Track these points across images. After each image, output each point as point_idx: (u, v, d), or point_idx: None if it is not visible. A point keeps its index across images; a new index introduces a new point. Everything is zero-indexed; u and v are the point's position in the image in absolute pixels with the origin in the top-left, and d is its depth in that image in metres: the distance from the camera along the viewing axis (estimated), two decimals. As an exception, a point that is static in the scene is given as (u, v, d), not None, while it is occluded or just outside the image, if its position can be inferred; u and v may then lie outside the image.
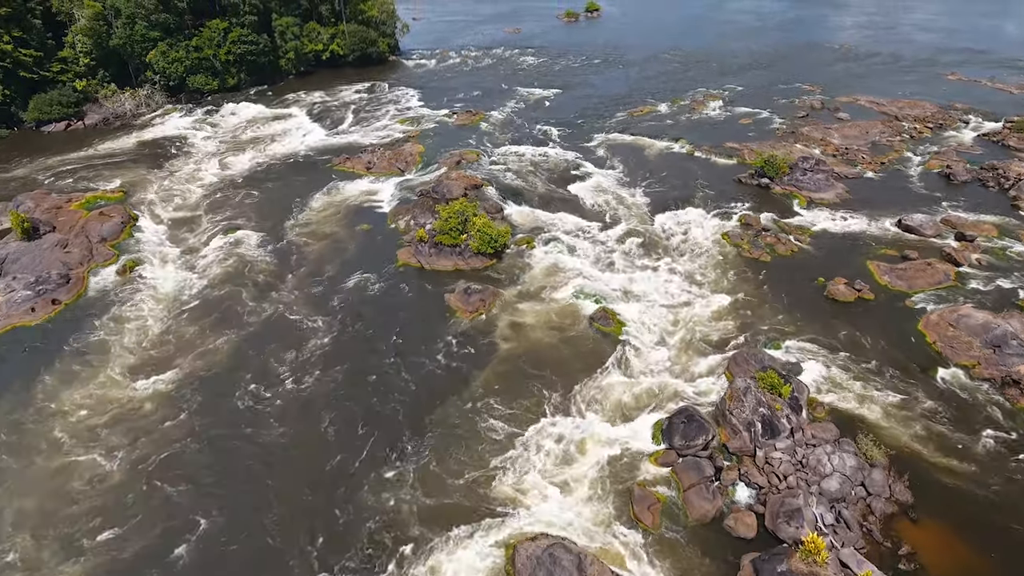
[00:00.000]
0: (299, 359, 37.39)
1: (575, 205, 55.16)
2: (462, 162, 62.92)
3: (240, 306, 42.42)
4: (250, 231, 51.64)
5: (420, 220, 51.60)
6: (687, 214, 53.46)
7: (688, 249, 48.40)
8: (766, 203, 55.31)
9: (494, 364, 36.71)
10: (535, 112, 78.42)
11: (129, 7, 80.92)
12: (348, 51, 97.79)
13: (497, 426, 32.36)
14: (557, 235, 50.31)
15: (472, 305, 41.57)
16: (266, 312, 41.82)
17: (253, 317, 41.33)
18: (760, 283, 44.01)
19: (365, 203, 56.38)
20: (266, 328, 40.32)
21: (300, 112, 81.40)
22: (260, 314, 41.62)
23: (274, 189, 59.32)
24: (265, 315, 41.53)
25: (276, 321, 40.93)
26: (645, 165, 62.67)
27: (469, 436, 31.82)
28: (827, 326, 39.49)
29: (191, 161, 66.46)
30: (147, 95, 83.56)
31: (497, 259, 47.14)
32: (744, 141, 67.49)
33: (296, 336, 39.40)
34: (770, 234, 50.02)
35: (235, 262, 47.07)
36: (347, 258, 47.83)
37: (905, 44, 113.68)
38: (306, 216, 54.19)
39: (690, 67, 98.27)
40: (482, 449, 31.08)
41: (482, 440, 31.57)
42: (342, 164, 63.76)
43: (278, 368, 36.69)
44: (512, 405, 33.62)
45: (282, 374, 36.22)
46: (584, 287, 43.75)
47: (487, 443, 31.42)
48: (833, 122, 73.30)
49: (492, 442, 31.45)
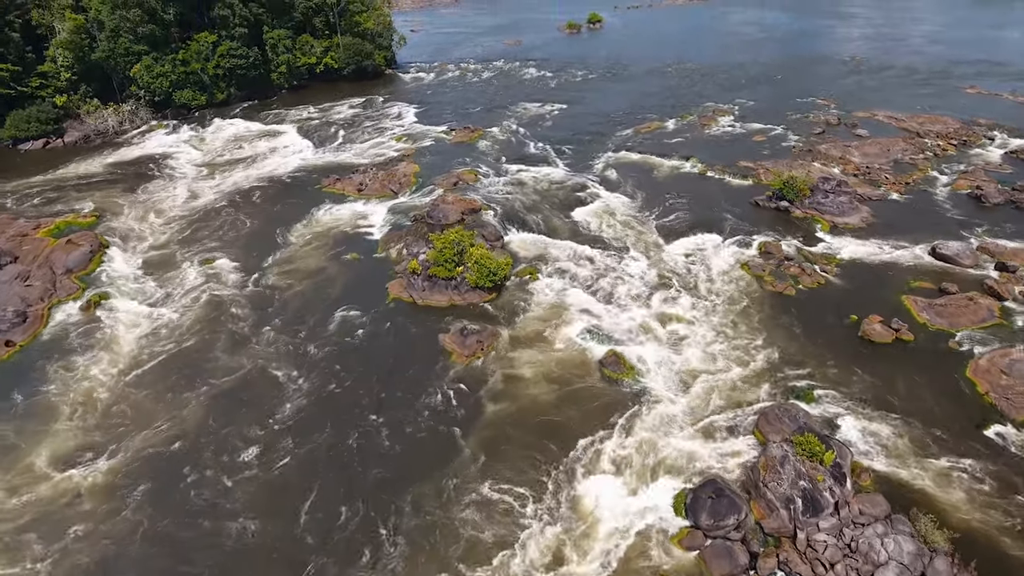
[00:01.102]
0: (272, 428, 32.53)
1: (581, 231, 51.22)
2: (459, 183, 59.09)
3: (209, 360, 37.57)
4: (229, 261, 47.70)
5: (413, 249, 47.67)
6: (702, 241, 49.48)
7: (705, 281, 44.38)
8: (787, 228, 51.35)
9: (488, 425, 32.26)
10: (537, 128, 74.71)
11: (113, 20, 77.57)
12: (343, 64, 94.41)
13: (486, 514, 27.42)
14: (561, 265, 46.34)
15: (469, 348, 37.53)
16: (239, 367, 36.89)
17: (223, 375, 36.38)
18: (786, 321, 39.95)
19: (355, 229, 52.48)
20: (237, 388, 35.38)
21: (291, 128, 77.74)
22: (231, 371, 36.67)
23: (259, 213, 55.46)
24: (237, 372, 36.57)
25: (249, 379, 36.04)
26: (655, 186, 58.80)
27: (448, 531, 26.86)
28: (864, 373, 35.36)
29: (173, 182, 62.68)
30: (131, 111, 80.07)
31: (497, 293, 43.15)
32: (759, 160, 63.64)
33: (271, 398, 34.53)
34: (794, 264, 46.02)
35: (209, 301, 42.96)
36: (333, 293, 43.84)
37: (917, 56, 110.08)
38: (291, 244, 50.27)
39: (696, 81, 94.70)
40: (463, 550, 26.02)
41: (463, 537, 26.55)
42: (332, 185, 59.93)
43: (247, 442, 31.73)
44: (508, 479, 29.09)
45: (251, 451, 31.25)
46: (591, 326, 39.71)
47: (469, 543, 26.30)
48: (851, 139, 69.48)
49: (476, 543, 26.34)
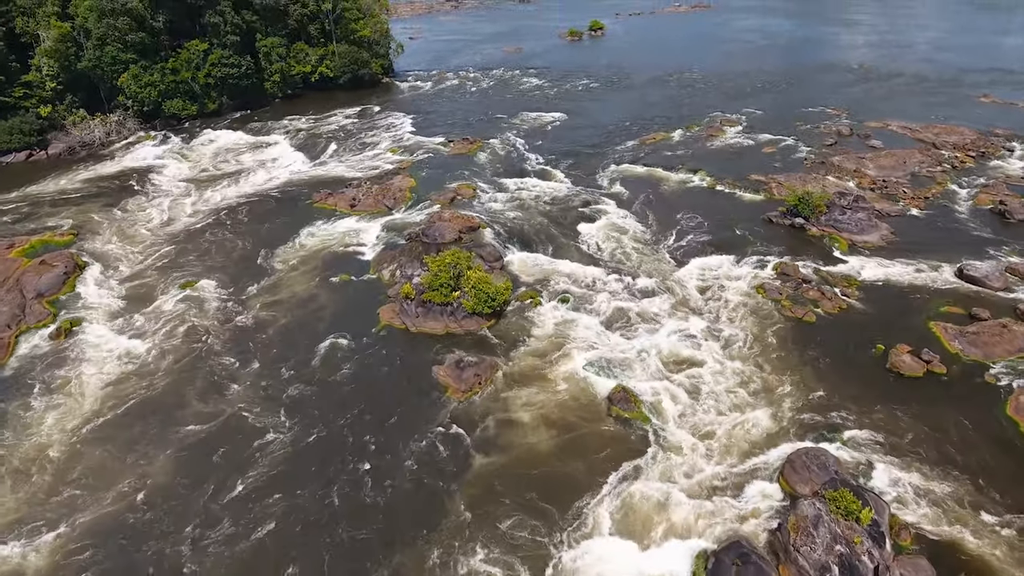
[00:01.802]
0: (248, 487, 28.95)
1: (585, 250, 48.43)
2: (456, 199, 56.35)
3: (182, 406, 33.95)
4: (211, 286, 44.81)
5: (407, 270, 44.86)
6: (715, 261, 46.65)
7: (719, 306, 41.54)
8: (803, 247, 48.56)
9: (481, 479, 29.08)
10: (538, 139, 72.04)
11: (100, 28, 75.03)
12: (338, 73, 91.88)
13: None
14: (565, 288, 43.52)
15: (465, 382, 34.65)
16: (214, 414, 33.28)
17: (196, 424, 32.76)
18: (808, 351, 37.08)
19: (346, 248, 49.69)
20: (212, 439, 31.69)
21: (284, 140, 75.11)
22: (206, 419, 33.06)
23: (245, 232, 52.66)
24: (212, 420, 32.94)
25: (226, 428, 32.39)
26: (662, 201, 56.04)
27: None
28: (895, 410, 32.47)
29: (157, 197, 59.94)
30: (118, 121, 77.48)
31: (496, 319, 40.31)
32: (770, 173, 60.91)
33: (248, 449, 30.94)
34: (812, 286, 43.19)
35: (186, 332, 39.85)
36: (321, 320, 41.02)
37: (926, 63, 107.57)
38: (278, 266, 47.46)
39: (701, 89, 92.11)
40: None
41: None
42: (323, 201, 57.17)
43: (219, 506, 28.07)
44: (501, 548, 25.83)
45: (223, 516, 27.59)
46: (597, 357, 36.85)
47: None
48: (865, 150, 66.78)
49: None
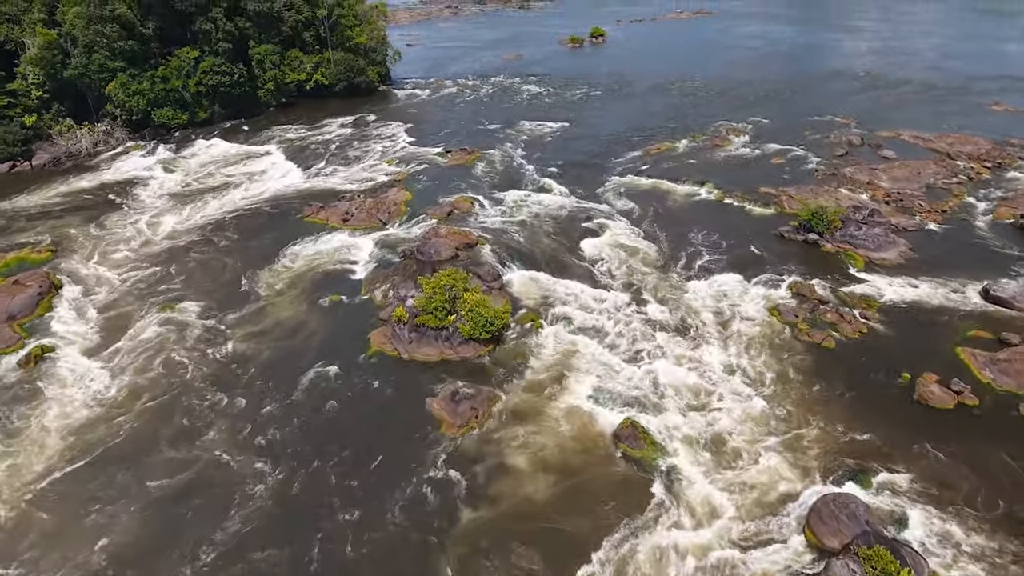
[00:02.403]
0: (221, 546, 25.76)
1: (589, 268, 46.02)
2: (453, 212, 53.97)
3: (154, 452, 30.61)
4: (194, 309, 42.25)
5: (401, 291, 42.43)
6: (725, 279, 44.24)
7: (731, 329, 39.10)
8: (817, 265, 46.16)
9: (473, 537, 26.25)
10: (538, 150, 69.74)
11: (88, 35, 72.86)
12: (334, 81, 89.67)
13: None
14: (568, 310, 41.09)
15: (461, 416, 32.17)
16: (189, 462, 29.96)
17: (168, 474, 29.36)
18: (828, 381, 34.61)
19: (337, 266, 47.28)
20: (185, 491, 28.30)
21: (276, 149, 72.80)
22: (179, 468, 29.69)
23: (232, 249, 50.23)
24: (186, 469, 29.61)
25: (201, 477, 29.12)
26: (668, 216, 53.67)
27: None
28: (928, 448, 29.99)
29: (143, 210, 57.55)
30: (106, 131, 75.15)
31: (494, 345, 37.84)
32: (780, 185, 58.57)
33: (225, 501, 27.71)
34: (830, 308, 40.76)
35: (164, 363, 36.95)
36: (309, 345, 38.55)
37: (933, 71, 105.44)
38: (265, 286, 45.01)
39: (705, 98, 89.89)
40: None
41: None
42: (315, 215, 54.79)
43: (190, 572, 24.97)
44: None
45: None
46: (603, 386, 34.39)
47: None
48: (878, 161, 64.46)
49: None
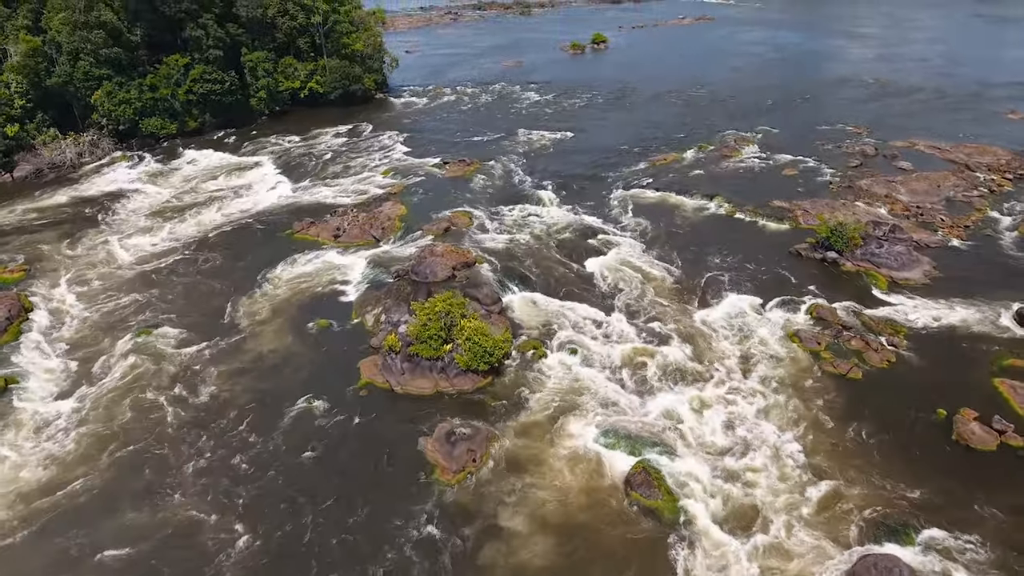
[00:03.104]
0: None
1: (595, 290, 43.23)
2: (451, 228, 51.20)
3: (113, 514, 26.97)
4: (171, 337, 39.26)
5: (394, 315, 39.63)
6: (740, 302, 41.46)
7: (749, 359, 36.27)
8: (837, 286, 43.39)
9: None
10: (540, 161, 67.05)
11: (72, 42, 70.33)
12: (329, 89, 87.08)
13: None
14: (573, 336, 38.28)
15: (457, 460, 29.32)
16: (151, 527, 26.28)
17: (126, 543, 25.59)
18: (857, 418, 31.76)
19: (327, 287, 44.49)
20: (144, 564, 24.94)
21: (268, 160, 70.13)
22: (140, 533, 25.99)
23: (216, 269, 47.42)
24: (149, 535, 25.93)
25: (165, 544, 25.51)
26: (677, 232, 50.90)
27: None
28: (974, 498, 27.13)
29: (125, 227, 54.80)
30: (91, 141, 72.48)
31: (493, 376, 35.02)
32: (794, 198, 55.83)
33: (193, 572, 24.56)
34: (854, 334, 37.93)
35: (133, 404, 33.63)
36: (294, 377, 35.71)
37: (944, 78, 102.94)
38: (250, 310, 42.18)
39: (712, 106, 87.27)
40: None
41: None
42: (305, 231, 52.03)
43: None
44: None
45: None
46: (612, 424, 31.56)
47: None
48: (894, 173, 61.76)
49: None
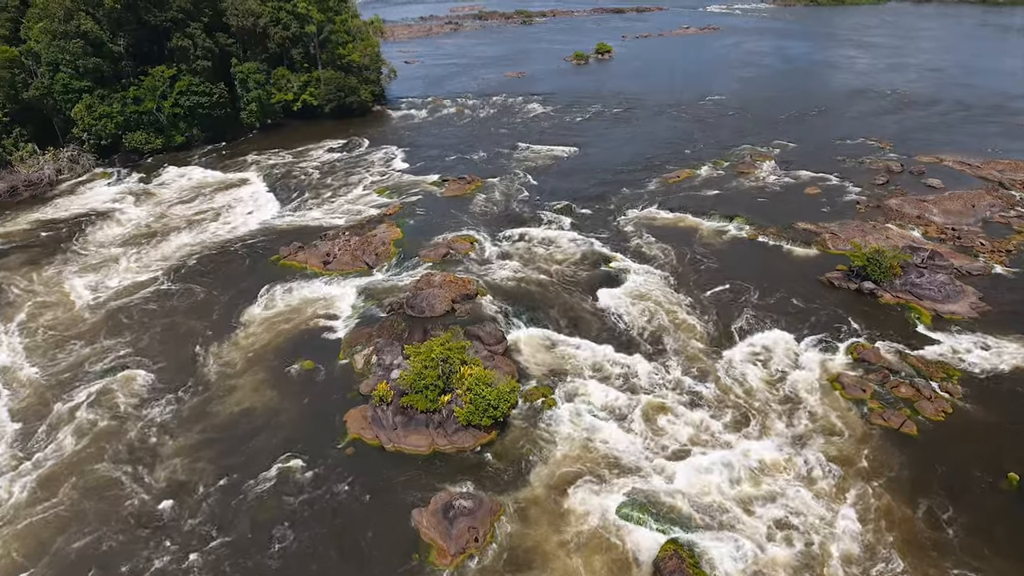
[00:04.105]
0: None
1: (608, 326, 39.10)
2: (450, 254, 47.16)
3: None
4: (137, 385, 35.06)
5: (386, 356, 35.50)
6: (770, 340, 37.31)
7: (786, 409, 32.09)
8: (876, 321, 39.24)
9: None
10: (545, 178, 63.10)
11: (52, 52, 66.70)
12: (323, 101, 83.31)
13: None
14: (587, 383, 34.10)
15: (457, 539, 25.08)
16: None
17: None
18: (919, 485, 27.52)
19: (313, 322, 40.38)
20: None
21: (256, 177, 66.25)
22: None
23: (193, 303, 43.26)
24: None
25: None
26: (696, 258, 46.81)
27: None
28: (1068, 592, 22.98)
29: (96, 253, 50.80)
30: (71, 157, 68.71)
31: (498, 431, 30.86)
32: (819, 220, 51.77)
33: None
34: (903, 380, 33.76)
35: (81, 484, 28.93)
36: (272, 432, 31.51)
37: (964, 89, 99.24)
38: (226, 349, 38.05)
39: (723, 118, 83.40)
40: None
41: None
42: (292, 257, 47.98)
43: None
44: None
45: None
46: (635, 494, 27.35)
47: None
48: (924, 191, 57.75)
49: None
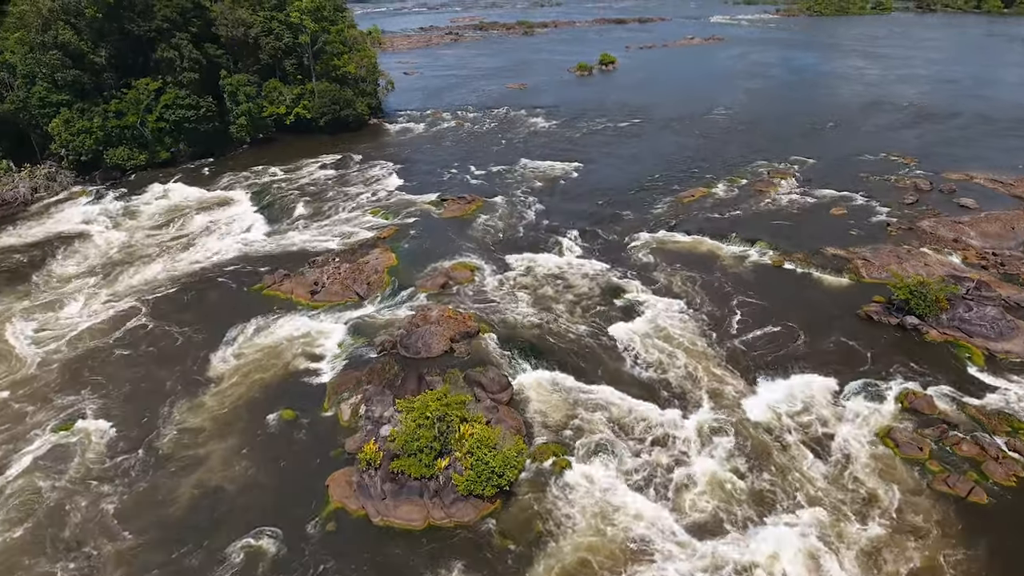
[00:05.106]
0: None
1: (624, 367, 35.01)
2: (448, 284, 43.16)
3: None
4: (99, 428, 31.20)
5: (375, 407, 31.41)
6: (807, 386, 33.22)
7: (834, 473, 27.95)
8: (923, 362, 35.16)
9: None
10: (550, 197, 59.19)
11: (28, 64, 63.09)
12: (317, 114, 79.59)
13: None
14: (603, 437, 30.00)
15: (453, 648, 20.96)
16: None
17: None
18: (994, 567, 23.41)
19: (296, 363, 36.27)
20: None
21: (244, 196, 62.35)
22: None
23: (163, 341, 39.05)
24: None
25: None
26: (717, 287, 42.80)
27: None
28: None
29: (62, 283, 46.78)
30: (48, 174, 64.89)
31: (502, 500, 26.74)
32: (849, 244, 47.79)
33: None
34: (963, 435, 29.68)
35: (32, 528, 25.79)
36: (243, 499, 27.36)
37: (982, 101, 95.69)
38: (196, 396, 33.87)
39: (734, 132, 79.66)
40: None
41: None
42: (277, 286, 43.99)
43: None
44: None
45: None
46: (666, 579, 23.28)
47: None
48: (958, 211, 53.78)
49: None
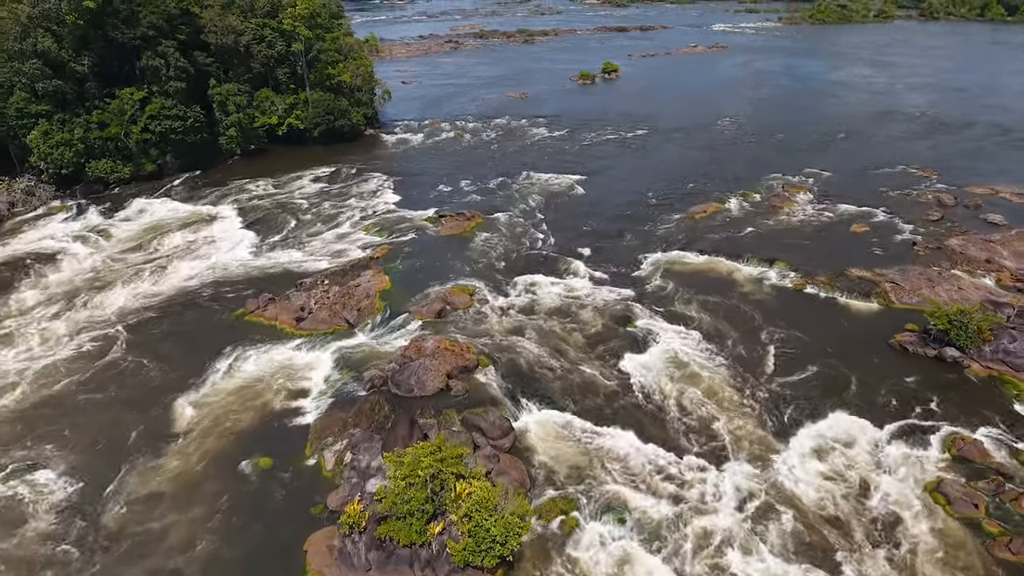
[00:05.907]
0: None
1: (636, 406, 31.78)
2: (445, 310, 39.97)
3: None
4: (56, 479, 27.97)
5: (362, 455, 28.17)
6: (842, 431, 29.99)
7: (879, 537, 24.68)
8: (967, 399, 31.96)
9: None
10: (553, 214, 56.07)
11: (6, 73, 60.18)
12: (310, 125, 76.58)
13: None
14: (616, 489, 26.77)
15: None
16: None
17: None
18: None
19: (276, 401, 32.98)
20: None
21: (231, 212, 59.20)
22: None
23: (132, 375, 35.64)
24: None
25: None
26: (736, 314, 39.59)
27: None
28: None
29: (29, 310, 43.50)
30: (26, 188, 61.82)
31: (504, 571, 23.45)
32: (874, 265, 44.66)
33: None
34: (1021, 488, 26.48)
35: None
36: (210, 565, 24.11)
37: (994, 110, 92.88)
38: (164, 441, 30.54)
39: (742, 144, 76.70)
40: None
41: None
42: (260, 312, 40.80)
43: None
44: None
45: None
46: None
47: None
48: (986, 228, 50.71)
49: None
